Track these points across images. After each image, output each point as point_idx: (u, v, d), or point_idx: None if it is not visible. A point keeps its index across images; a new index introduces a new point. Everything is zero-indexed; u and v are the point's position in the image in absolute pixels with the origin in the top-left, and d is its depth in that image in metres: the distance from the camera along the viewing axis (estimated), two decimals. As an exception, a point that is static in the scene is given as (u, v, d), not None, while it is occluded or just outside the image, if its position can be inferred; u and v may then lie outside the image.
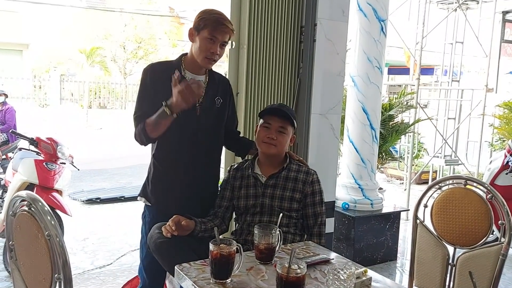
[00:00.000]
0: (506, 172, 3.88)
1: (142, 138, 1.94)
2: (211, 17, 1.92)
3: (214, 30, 1.91)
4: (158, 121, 1.86)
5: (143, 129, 1.91)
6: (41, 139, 3.51)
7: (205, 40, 1.92)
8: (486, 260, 1.83)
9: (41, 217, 1.22)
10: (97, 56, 18.96)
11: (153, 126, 1.89)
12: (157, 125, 1.88)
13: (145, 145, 2.01)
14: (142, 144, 1.99)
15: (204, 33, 1.92)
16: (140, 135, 1.93)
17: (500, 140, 6.94)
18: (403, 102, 5.03)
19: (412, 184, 5.60)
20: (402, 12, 6.77)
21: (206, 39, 1.92)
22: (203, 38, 1.92)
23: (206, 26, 1.91)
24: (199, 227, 1.90)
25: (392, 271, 3.71)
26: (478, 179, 2.19)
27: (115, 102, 18.28)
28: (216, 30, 1.92)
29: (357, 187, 3.80)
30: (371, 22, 3.68)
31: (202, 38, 1.92)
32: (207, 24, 1.91)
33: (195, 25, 1.94)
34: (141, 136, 1.93)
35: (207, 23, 1.91)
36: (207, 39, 1.92)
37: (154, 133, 1.91)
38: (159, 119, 1.85)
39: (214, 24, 1.91)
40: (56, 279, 1.21)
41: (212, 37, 1.92)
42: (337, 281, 1.35)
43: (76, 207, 5.14)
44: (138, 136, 1.95)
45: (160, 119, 1.85)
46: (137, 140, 1.97)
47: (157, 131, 1.90)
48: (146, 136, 1.92)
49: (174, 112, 1.82)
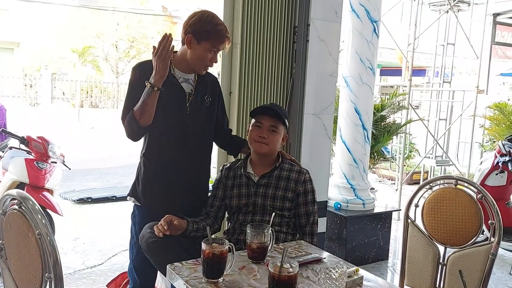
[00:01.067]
0: (496, 172, 3.92)
1: (133, 127, 1.90)
2: (215, 30, 1.91)
3: (217, 44, 1.92)
4: (144, 101, 1.85)
5: (131, 117, 1.89)
6: (32, 138, 3.48)
7: (206, 51, 1.92)
8: (476, 260, 1.84)
9: (32, 216, 1.21)
10: (89, 55, 18.84)
11: (140, 109, 1.87)
12: (144, 106, 1.86)
13: (136, 137, 1.97)
14: (133, 137, 1.96)
15: (206, 45, 1.91)
16: (131, 123, 1.90)
17: (491, 141, 7.02)
18: (395, 103, 5.06)
19: (404, 184, 5.64)
20: (394, 14, 6.81)
21: (207, 50, 1.92)
22: (205, 49, 1.92)
23: (209, 38, 1.90)
24: (191, 226, 1.89)
25: (384, 271, 3.73)
26: (468, 179, 2.21)
27: (107, 101, 18.18)
28: (220, 44, 1.93)
29: (349, 187, 3.81)
30: (363, 23, 3.70)
31: (203, 49, 1.92)
32: (210, 37, 1.90)
33: (196, 34, 1.90)
34: (132, 125, 1.90)
35: (211, 36, 1.90)
36: (209, 51, 1.92)
37: (143, 117, 1.88)
38: (145, 97, 1.85)
39: (218, 38, 1.92)
40: (46, 279, 1.20)
41: (214, 49, 1.93)
42: (329, 280, 1.36)
43: (67, 207, 5.10)
44: (129, 126, 1.91)
45: (147, 98, 1.85)
46: (129, 133, 1.94)
47: (146, 114, 1.88)
48: (136, 123, 1.89)
49: (157, 85, 1.83)
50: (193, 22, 1.92)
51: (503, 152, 3.92)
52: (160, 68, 1.82)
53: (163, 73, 1.83)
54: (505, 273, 3.73)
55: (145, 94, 1.85)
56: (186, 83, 2.02)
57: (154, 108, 1.89)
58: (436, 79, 7.29)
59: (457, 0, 6.45)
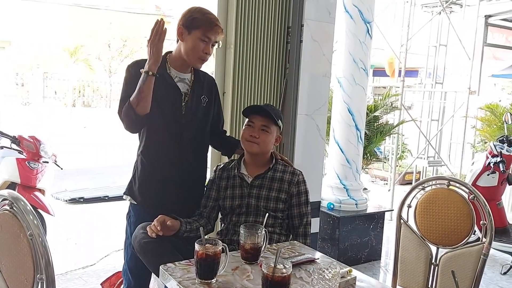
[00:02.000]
0: (487, 173, 3.94)
1: (130, 116, 1.88)
2: (204, 18, 1.90)
3: (208, 31, 1.91)
4: (140, 87, 1.84)
5: (128, 106, 1.87)
6: (23, 137, 3.45)
7: (198, 40, 1.91)
8: (468, 260, 1.86)
9: (23, 216, 1.20)
10: (81, 54, 18.72)
11: (136, 97, 1.86)
12: (140, 93, 1.85)
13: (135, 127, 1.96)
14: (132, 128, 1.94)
15: (197, 33, 1.90)
16: (128, 113, 1.87)
17: (482, 142, 7.07)
18: (388, 104, 5.08)
19: (396, 185, 5.66)
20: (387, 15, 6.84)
21: (199, 39, 1.91)
22: (196, 38, 1.90)
23: (199, 26, 1.89)
24: (184, 227, 1.89)
25: (376, 271, 3.75)
26: (460, 180, 2.23)
27: (99, 100, 18.09)
28: (210, 31, 1.91)
29: (342, 188, 3.83)
30: (357, 24, 3.71)
31: (194, 38, 1.90)
32: (200, 25, 1.89)
33: (186, 24, 1.91)
34: (129, 114, 1.87)
35: (201, 24, 1.89)
36: (201, 40, 1.91)
37: (140, 105, 1.86)
38: (141, 84, 1.84)
39: (208, 25, 1.90)
40: (38, 280, 1.19)
41: (206, 38, 1.91)
42: (322, 280, 1.36)
43: (59, 207, 5.06)
44: (126, 116, 1.89)
45: (142, 84, 1.84)
46: (127, 124, 1.91)
47: (142, 101, 1.86)
48: (133, 112, 1.87)
49: (152, 70, 1.83)
50: (183, 14, 1.94)
51: (495, 153, 3.94)
52: (153, 52, 1.82)
53: (157, 57, 1.84)
54: (496, 273, 3.76)
55: (140, 82, 1.85)
56: (182, 83, 2.02)
57: (151, 96, 1.88)
58: (429, 80, 7.34)
59: (449, 2, 6.50)
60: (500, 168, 3.86)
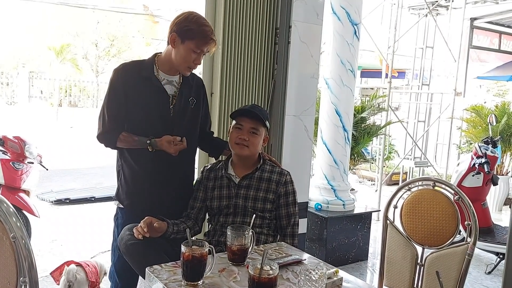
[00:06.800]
0: (472, 174, 3.99)
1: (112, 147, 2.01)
2: (200, 31, 1.88)
3: (202, 45, 1.89)
4: (134, 145, 1.96)
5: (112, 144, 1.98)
6: (7, 137, 3.41)
7: (190, 51, 1.89)
8: (453, 260, 1.88)
9: (6, 218, 1.18)
10: (68, 53, 18.51)
11: (126, 145, 1.97)
12: (132, 147, 1.97)
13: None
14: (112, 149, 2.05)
15: (190, 44, 1.88)
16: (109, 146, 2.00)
17: (468, 143, 7.17)
18: (375, 105, 5.12)
19: (383, 185, 5.70)
20: (374, 17, 6.90)
21: (191, 50, 1.89)
22: (189, 49, 1.89)
23: (193, 38, 1.87)
24: (171, 228, 1.88)
25: (363, 271, 3.77)
26: (446, 180, 2.25)
27: (86, 100, 17.91)
28: (204, 44, 1.90)
29: (329, 188, 3.84)
30: (344, 25, 3.73)
31: (187, 48, 1.89)
32: (195, 37, 1.87)
33: (181, 33, 1.88)
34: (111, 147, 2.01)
35: (195, 36, 1.87)
36: (193, 51, 1.89)
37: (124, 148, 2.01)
38: (137, 144, 1.94)
39: (202, 39, 1.88)
40: (21, 283, 1.17)
41: (198, 50, 1.90)
42: (308, 281, 1.36)
43: (44, 208, 5.00)
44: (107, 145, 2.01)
45: (137, 145, 1.95)
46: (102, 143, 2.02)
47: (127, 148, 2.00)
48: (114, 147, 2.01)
49: (154, 148, 1.92)
50: (179, 21, 1.90)
51: (479, 154, 4.00)
52: (165, 147, 1.91)
53: (174, 153, 1.93)
54: (481, 272, 3.81)
55: (138, 143, 1.93)
56: (170, 85, 2.00)
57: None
58: (415, 82, 7.42)
59: (436, 5, 6.58)
60: (485, 169, 3.91)
